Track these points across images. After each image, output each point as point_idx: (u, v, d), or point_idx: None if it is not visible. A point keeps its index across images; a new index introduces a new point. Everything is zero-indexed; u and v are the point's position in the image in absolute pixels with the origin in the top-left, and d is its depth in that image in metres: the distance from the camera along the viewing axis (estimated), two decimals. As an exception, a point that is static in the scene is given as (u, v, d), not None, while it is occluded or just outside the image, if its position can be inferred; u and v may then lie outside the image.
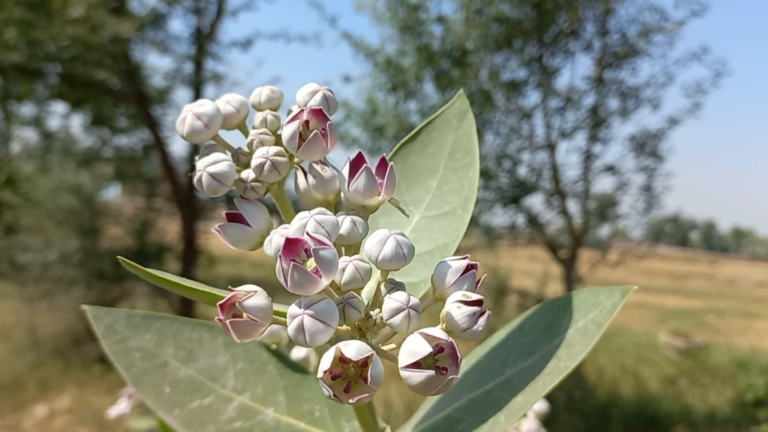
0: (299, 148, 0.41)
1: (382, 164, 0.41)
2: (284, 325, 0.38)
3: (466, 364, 0.54)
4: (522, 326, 0.52)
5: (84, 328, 5.70)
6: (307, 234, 0.35)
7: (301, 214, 0.38)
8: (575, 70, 4.95)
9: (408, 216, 0.52)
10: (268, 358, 0.55)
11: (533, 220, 5.11)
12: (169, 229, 6.49)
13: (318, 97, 0.43)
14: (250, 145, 0.44)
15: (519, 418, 0.45)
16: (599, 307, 0.48)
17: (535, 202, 5.60)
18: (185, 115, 0.43)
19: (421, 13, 4.66)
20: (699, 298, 14.78)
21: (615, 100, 4.93)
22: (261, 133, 0.44)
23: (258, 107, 0.46)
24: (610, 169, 5.07)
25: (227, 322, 0.36)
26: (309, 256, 0.35)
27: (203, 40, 5.68)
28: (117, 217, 6.36)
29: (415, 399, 4.35)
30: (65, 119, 6.88)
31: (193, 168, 0.44)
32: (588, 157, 4.99)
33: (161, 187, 6.73)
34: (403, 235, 0.39)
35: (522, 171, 5.07)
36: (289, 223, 0.41)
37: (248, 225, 0.42)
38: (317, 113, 0.41)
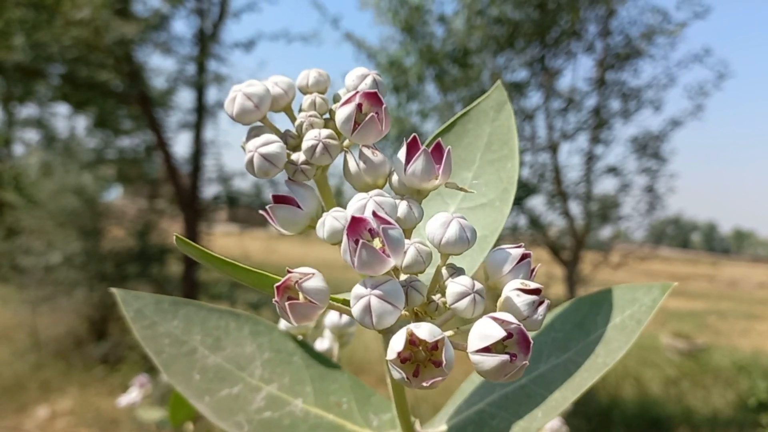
0: (354, 132, 0.40)
1: (438, 148, 0.41)
2: (339, 310, 0.38)
3: None
4: (552, 322, 0.51)
5: (86, 330, 5.70)
6: (373, 213, 0.35)
7: (359, 195, 0.38)
8: (577, 72, 4.97)
9: (474, 192, 0.51)
10: (294, 348, 0.55)
11: (535, 222, 5.11)
12: (172, 230, 6.48)
13: (368, 80, 0.43)
14: (299, 127, 0.43)
15: (556, 414, 0.44)
16: (637, 303, 0.47)
17: (537, 203, 5.60)
18: (235, 95, 0.42)
19: (422, 14, 4.67)
20: (700, 299, 14.76)
21: (617, 102, 4.94)
22: (311, 116, 0.43)
23: (305, 90, 0.45)
24: (612, 170, 5.07)
25: (285, 304, 0.35)
26: (373, 237, 0.34)
27: (206, 41, 5.68)
28: (119, 219, 6.36)
29: (417, 402, 4.34)
30: (68, 121, 6.90)
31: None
32: (590, 159, 4.99)
33: (164, 189, 6.73)
34: (464, 218, 0.38)
35: (524, 172, 5.07)
36: (329, 209, 0.40)
37: (299, 207, 0.42)
38: (372, 96, 0.41)
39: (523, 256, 0.38)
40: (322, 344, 0.66)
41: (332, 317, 0.64)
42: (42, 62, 5.17)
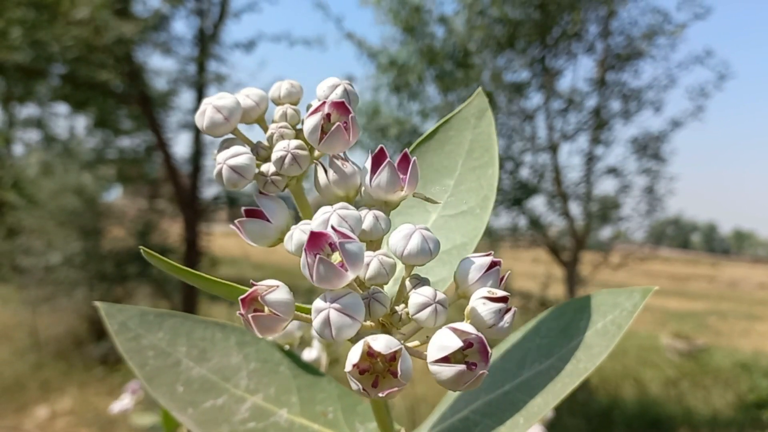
0: (321, 141, 0.40)
1: (404, 159, 0.41)
2: (307, 321, 0.38)
3: None
4: (538, 328, 0.51)
5: (86, 330, 5.70)
6: (332, 227, 0.35)
7: (324, 209, 0.38)
8: (577, 72, 4.98)
9: (440, 203, 0.51)
10: (280, 358, 0.55)
11: (535, 222, 5.10)
12: (172, 230, 6.49)
13: (339, 90, 0.43)
14: (270, 138, 0.43)
15: (538, 419, 0.44)
16: (619, 308, 0.47)
17: (537, 203, 5.61)
18: (205, 108, 0.42)
19: (423, 14, 4.67)
20: (700, 300, 14.75)
21: (617, 102, 4.94)
22: (281, 127, 0.43)
23: (277, 101, 0.45)
24: (613, 171, 5.07)
25: (249, 316, 0.36)
26: (334, 250, 0.35)
27: (206, 41, 5.69)
28: (119, 219, 6.36)
29: (416, 402, 4.34)
30: (68, 121, 6.90)
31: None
32: (590, 159, 4.99)
33: (164, 189, 6.73)
34: (428, 230, 0.38)
35: (524, 173, 5.07)
36: (306, 219, 0.41)
37: (268, 221, 0.42)
38: (339, 106, 0.41)
39: (492, 264, 0.38)
40: (310, 354, 0.67)
41: None
42: (42, 62, 5.17)
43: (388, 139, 4.96)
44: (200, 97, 5.86)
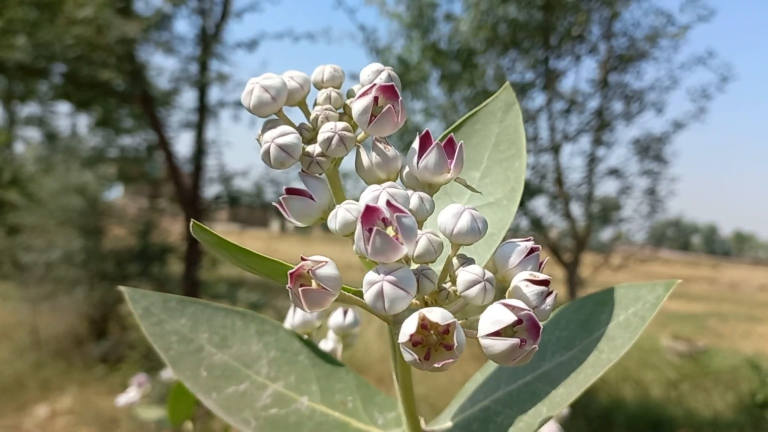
0: (370, 123, 0.41)
1: (450, 143, 0.42)
2: (348, 301, 0.38)
3: None
4: (557, 321, 0.52)
5: (86, 329, 5.70)
6: (387, 202, 0.35)
7: (373, 187, 0.39)
8: (580, 73, 4.98)
9: (480, 193, 0.52)
10: (299, 347, 0.56)
11: (536, 223, 5.10)
12: (173, 229, 6.49)
13: (384, 75, 0.43)
14: (314, 120, 0.44)
15: (561, 409, 0.45)
16: (641, 301, 0.48)
17: (539, 204, 5.60)
18: (252, 88, 0.43)
19: (429, 11, 4.67)
20: (701, 302, 14.75)
21: (619, 104, 4.93)
22: (326, 109, 0.44)
23: (319, 85, 0.45)
24: (614, 172, 5.07)
25: (299, 290, 0.36)
26: (386, 226, 0.35)
27: (208, 41, 5.69)
28: (120, 218, 6.36)
29: (416, 400, 4.34)
30: (70, 119, 6.90)
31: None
32: (592, 160, 4.99)
33: (165, 188, 6.73)
34: (476, 210, 0.39)
35: (526, 173, 5.06)
36: (339, 203, 0.41)
37: (312, 199, 0.42)
38: (388, 90, 0.41)
39: (532, 250, 0.39)
40: (325, 345, 0.67)
41: (336, 318, 0.65)
42: (44, 61, 5.17)
43: (390, 138, 4.95)
44: (202, 96, 5.86)
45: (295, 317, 0.60)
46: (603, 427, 4.74)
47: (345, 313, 0.65)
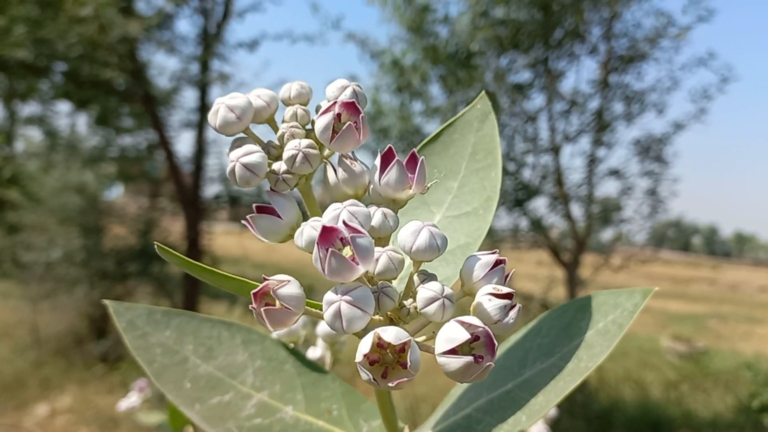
0: (332, 140, 0.41)
1: (413, 159, 0.42)
2: (316, 316, 0.39)
3: None
4: (540, 327, 0.52)
5: (86, 328, 5.70)
6: (344, 222, 0.36)
7: (334, 205, 0.39)
8: (580, 74, 4.97)
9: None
10: (285, 356, 0.56)
11: (537, 223, 5.10)
12: (173, 229, 6.49)
13: (348, 91, 0.44)
14: (281, 138, 0.45)
15: (540, 417, 0.45)
16: (620, 309, 0.48)
17: (539, 205, 5.61)
18: (218, 107, 0.43)
19: (428, 14, 4.67)
20: (701, 302, 14.74)
21: (620, 104, 4.92)
22: (292, 126, 0.45)
23: (287, 102, 0.46)
24: (614, 173, 5.06)
25: (261, 310, 0.37)
26: (344, 245, 0.36)
27: (210, 40, 5.69)
28: (121, 217, 6.36)
29: (417, 402, 4.34)
30: (71, 118, 6.91)
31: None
32: (592, 161, 4.98)
33: (165, 187, 6.73)
34: (435, 226, 0.39)
35: (526, 174, 5.06)
36: (315, 217, 0.41)
37: (279, 217, 0.43)
38: (350, 106, 0.42)
39: (497, 262, 0.39)
40: (314, 353, 0.67)
41: (325, 326, 0.65)
42: (45, 59, 5.17)
43: (390, 140, 4.96)
44: (203, 96, 5.86)
45: None
46: (602, 427, 4.74)
47: None
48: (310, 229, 0.39)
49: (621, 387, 5.68)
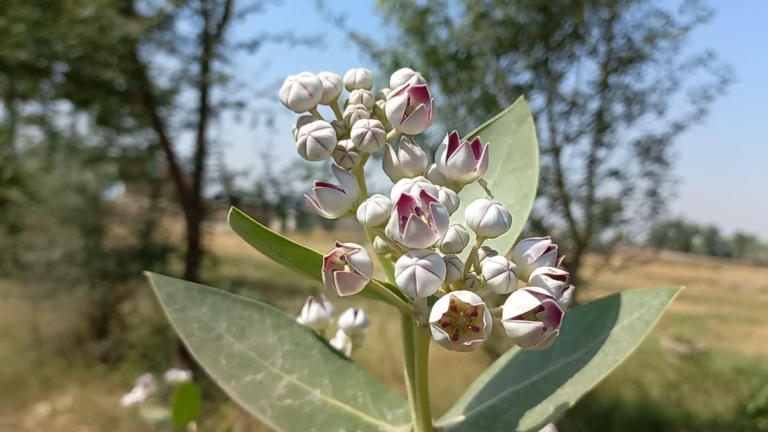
0: (403, 121, 0.43)
1: (476, 144, 0.44)
2: (377, 290, 0.40)
3: (504, 360, 0.56)
4: (562, 325, 0.53)
5: (87, 327, 5.71)
6: (422, 192, 0.37)
7: (404, 181, 0.41)
8: (580, 75, 4.97)
9: (493, 197, 0.53)
10: (312, 342, 0.57)
11: (537, 224, 5.10)
12: (173, 229, 6.50)
13: (414, 79, 0.46)
14: (347, 118, 0.46)
15: (567, 408, 0.46)
16: (645, 307, 0.49)
17: (540, 206, 5.60)
18: (290, 84, 0.45)
19: (428, 16, 4.67)
20: (702, 303, 14.73)
21: (620, 105, 4.92)
22: (358, 107, 0.46)
23: (351, 86, 0.48)
24: (615, 174, 5.06)
25: (334, 273, 0.38)
26: (419, 215, 0.37)
27: (210, 41, 5.69)
28: (121, 217, 6.37)
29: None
30: (71, 118, 6.91)
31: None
32: (592, 162, 4.99)
33: (166, 187, 6.74)
34: (501, 205, 0.41)
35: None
36: (375, 194, 0.43)
37: (342, 192, 0.44)
38: (420, 91, 0.44)
39: (549, 248, 0.41)
40: (335, 344, 0.68)
41: (346, 318, 0.66)
42: (46, 60, 5.18)
43: (389, 140, 4.96)
44: (204, 96, 5.87)
45: (309, 314, 0.62)
46: (602, 428, 4.74)
47: (355, 313, 0.66)
48: (374, 204, 0.40)
49: (621, 388, 5.68)
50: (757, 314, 13.34)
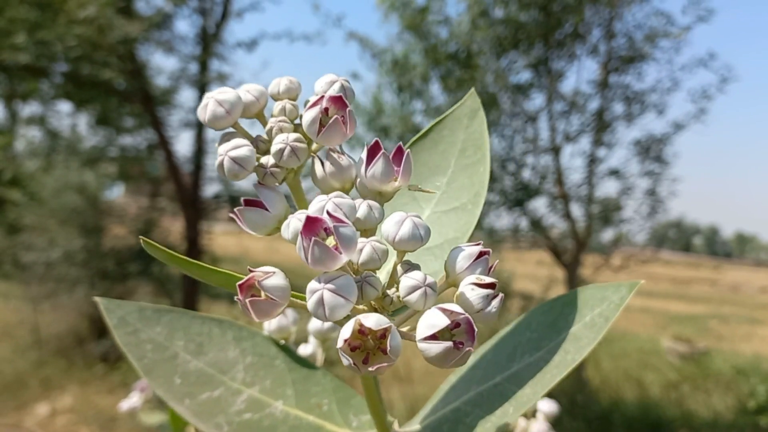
0: (319, 133, 0.42)
1: (399, 152, 0.43)
2: (301, 307, 0.39)
3: (472, 360, 0.55)
4: (529, 322, 0.53)
5: (87, 327, 5.71)
6: (327, 212, 0.36)
7: (320, 197, 0.40)
8: (581, 74, 4.95)
9: (436, 192, 0.54)
10: (276, 353, 0.57)
11: (537, 224, 5.10)
12: (173, 228, 6.50)
13: (336, 86, 0.44)
14: (269, 132, 0.45)
15: (525, 409, 0.46)
16: (606, 302, 0.49)
17: (539, 205, 5.60)
18: (207, 102, 0.44)
19: (428, 15, 4.67)
20: (702, 303, 14.73)
21: (620, 105, 4.92)
22: (280, 121, 0.45)
23: (276, 97, 0.47)
24: (615, 173, 5.06)
25: (247, 301, 0.37)
26: (328, 235, 0.36)
27: (209, 40, 5.69)
28: (121, 217, 6.37)
29: (416, 402, 4.34)
30: (71, 118, 6.91)
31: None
32: (592, 161, 4.98)
33: (165, 187, 6.74)
34: (419, 217, 0.40)
35: (526, 174, 5.06)
36: (300, 210, 0.42)
37: (266, 210, 0.43)
38: (337, 100, 0.42)
39: (481, 254, 0.40)
40: (306, 349, 0.68)
41: (315, 322, 0.66)
42: (45, 60, 5.18)
43: (390, 139, 4.96)
44: (202, 95, 5.86)
45: (271, 324, 0.61)
46: (603, 427, 4.73)
47: None
48: (296, 221, 0.40)
49: (621, 387, 5.68)
50: (758, 314, 13.33)
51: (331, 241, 0.36)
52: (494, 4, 4.49)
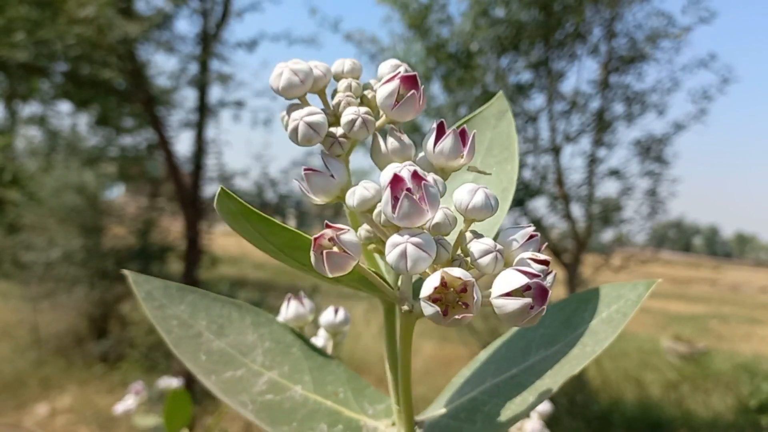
0: (394, 107, 0.44)
1: (464, 132, 0.44)
2: (365, 274, 0.40)
3: (483, 356, 0.56)
4: (542, 320, 0.54)
5: (86, 327, 5.71)
6: (414, 173, 0.38)
7: (393, 165, 0.42)
8: (581, 74, 4.95)
9: (490, 174, 0.55)
10: (292, 340, 0.58)
11: (537, 224, 5.09)
12: (172, 228, 6.50)
13: (403, 68, 0.46)
14: (336, 105, 0.47)
15: (547, 397, 0.47)
16: (623, 299, 0.50)
17: (539, 205, 5.61)
18: (281, 71, 0.45)
19: (430, 14, 4.67)
20: (702, 303, 14.74)
21: (620, 105, 4.92)
22: (347, 95, 0.47)
23: (339, 76, 0.48)
24: (615, 173, 5.06)
25: (324, 253, 0.38)
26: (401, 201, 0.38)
27: (209, 40, 5.69)
28: (120, 217, 6.37)
29: (416, 402, 4.34)
30: (71, 118, 6.91)
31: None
32: (593, 161, 4.98)
33: (165, 187, 6.74)
34: (488, 188, 0.41)
35: (526, 174, 5.06)
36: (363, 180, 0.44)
37: (332, 176, 0.44)
38: (410, 79, 0.44)
39: (532, 236, 0.41)
40: (316, 342, 0.68)
41: (327, 315, 0.66)
42: (45, 60, 5.17)
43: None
44: (202, 96, 5.86)
45: (288, 311, 0.62)
46: (602, 427, 4.73)
47: (336, 311, 0.66)
48: (362, 189, 0.41)
49: (621, 387, 5.68)
50: (758, 314, 13.34)
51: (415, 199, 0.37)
52: (495, 3, 4.49)
